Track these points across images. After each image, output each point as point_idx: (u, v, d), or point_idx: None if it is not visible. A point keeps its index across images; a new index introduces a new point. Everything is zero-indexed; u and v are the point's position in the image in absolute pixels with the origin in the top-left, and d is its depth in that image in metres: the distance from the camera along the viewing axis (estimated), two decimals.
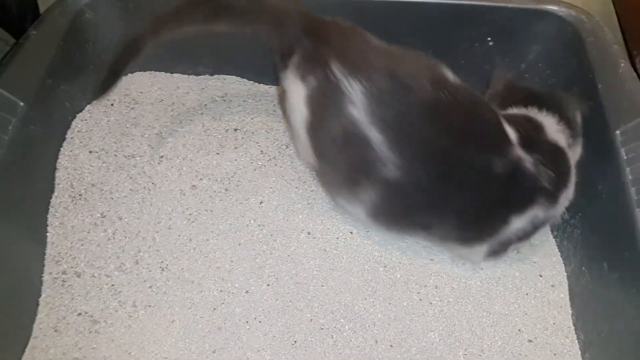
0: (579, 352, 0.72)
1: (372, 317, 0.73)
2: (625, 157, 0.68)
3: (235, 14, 0.75)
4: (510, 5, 0.84)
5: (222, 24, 0.76)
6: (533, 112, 0.73)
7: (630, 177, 0.67)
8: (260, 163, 0.87)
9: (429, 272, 0.78)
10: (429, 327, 0.72)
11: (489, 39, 0.87)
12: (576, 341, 0.73)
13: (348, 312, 0.73)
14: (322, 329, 0.71)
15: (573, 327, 0.74)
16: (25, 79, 0.75)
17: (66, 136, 0.85)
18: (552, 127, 0.72)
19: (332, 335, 0.71)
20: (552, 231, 0.83)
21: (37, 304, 0.72)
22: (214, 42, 0.93)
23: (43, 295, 0.73)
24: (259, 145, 0.88)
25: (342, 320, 0.72)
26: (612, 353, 0.67)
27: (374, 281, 0.76)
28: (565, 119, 0.73)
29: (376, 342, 0.70)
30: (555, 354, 0.72)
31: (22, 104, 0.73)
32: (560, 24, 0.83)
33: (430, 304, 0.74)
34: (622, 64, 0.73)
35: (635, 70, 0.74)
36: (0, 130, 0.70)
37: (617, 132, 0.70)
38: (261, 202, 0.82)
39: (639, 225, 0.64)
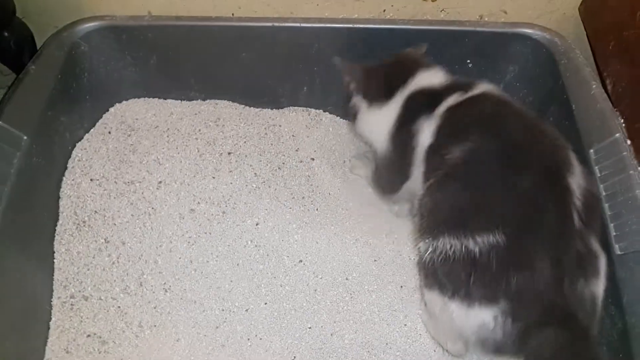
0: None
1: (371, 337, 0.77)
2: (599, 175, 0.73)
3: None
4: (486, 29, 0.89)
5: None
6: None
7: (604, 194, 0.72)
8: (254, 185, 0.90)
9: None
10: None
11: (468, 60, 0.92)
12: None
13: (344, 329, 0.77)
14: (320, 347, 0.75)
15: None
16: (27, 113, 0.79)
17: (67, 165, 0.88)
18: None
19: (330, 353, 0.75)
20: None
21: (48, 327, 0.76)
22: (205, 68, 0.97)
23: (53, 318, 0.77)
24: (252, 168, 0.92)
25: (340, 337, 0.76)
26: None
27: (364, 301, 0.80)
28: None
29: None
30: None
31: (25, 137, 0.76)
32: (534, 46, 0.87)
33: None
34: (594, 86, 0.77)
35: (606, 89, 0.79)
36: (6, 163, 0.73)
37: (591, 150, 0.75)
38: (257, 224, 0.86)
39: (612, 240, 0.68)
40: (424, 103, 0.75)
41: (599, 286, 0.62)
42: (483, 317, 0.61)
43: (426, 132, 0.73)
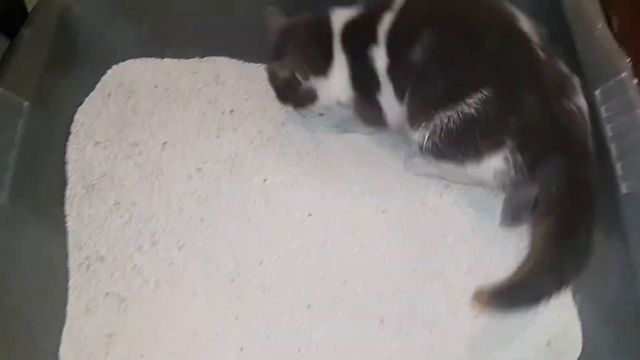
0: (570, 295, 0.77)
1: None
2: (604, 115, 0.73)
3: None
4: None
5: None
6: None
7: (609, 134, 0.72)
8: (259, 142, 0.90)
9: (434, 228, 0.83)
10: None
11: None
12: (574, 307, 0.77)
13: (355, 277, 0.79)
14: (333, 294, 0.77)
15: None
16: (25, 79, 0.77)
17: (71, 130, 0.88)
18: None
19: (343, 300, 0.77)
20: None
21: (67, 289, 0.77)
22: (200, 23, 0.95)
23: (71, 280, 0.78)
24: (256, 125, 0.92)
25: (352, 285, 0.78)
26: (598, 295, 0.74)
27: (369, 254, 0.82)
28: None
29: (382, 321, 0.76)
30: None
31: (26, 103, 0.75)
32: None
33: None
34: (599, 25, 0.76)
35: (611, 28, 0.78)
36: (10, 130, 0.73)
37: (597, 92, 0.74)
38: (265, 180, 0.86)
39: (619, 180, 0.69)
40: (361, 37, 0.79)
41: (581, 99, 0.72)
42: (495, 164, 0.72)
43: (379, 57, 0.77)
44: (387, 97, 0.80)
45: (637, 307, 0.67)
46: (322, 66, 0.82)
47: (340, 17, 0.82)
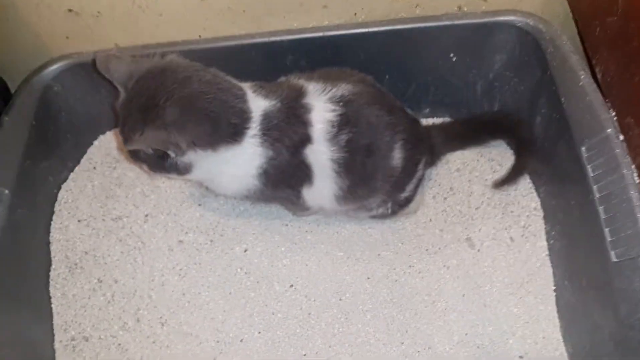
0: None
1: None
2: (592, 175, 0.68)
3: None
4: (466, 20, 0.83)
5: None
6: None
7: (597, 195, 0.67)
8: (242, 208, 0.89)
9: (422, 293, 0.80)
10: None
11: (451, 55, 0.86)
12: (565, 354, 0.75)
13: (339, 353, 0.76)
14: None
15: (562, 340, 0.76)
16: (5, 167, 0.79)
17: (54, 209, 0.89)
18: None
19: None
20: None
21: None
22: None
23: None
24: None
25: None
26: None
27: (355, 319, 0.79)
28: None
29: None
30: None
31: (6, 191, 0.77)
32: (518, 34, 0.81)
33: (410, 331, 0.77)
34: (582, 76, 0.71)
35: (595, 78, 0.73)
36: None
37: (583, 148, 0.70)
38: (245, 250, 0.85)
39: (608, 247, 0.64)
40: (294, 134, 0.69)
41: None
42: None
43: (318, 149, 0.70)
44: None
45: None
46: (218, 139, 0.70)
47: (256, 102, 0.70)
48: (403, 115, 0.77)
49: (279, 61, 0.85)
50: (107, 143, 0.97)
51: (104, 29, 0.87)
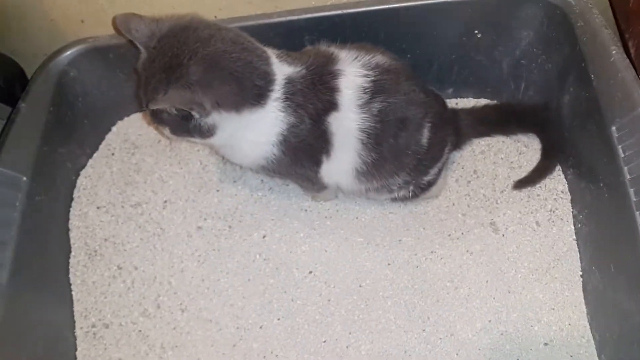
0: (595, 353, 0.71)
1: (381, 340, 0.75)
2: (622, 155, 0.65)
3: None
4: None
5: None
6: None
7: (628, 177, 0.64)
8: (260, 194, 0.88)
9: (444, 279, 0.79)
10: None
11: (476, 31, 0.83)
12: (592, 341, 0.72)
13: (359, 340, 0.75)
14: (335, 358, 0.74)
15: (589, 327, 0.73)
16: (23, 153, 0.79)
17: (73, 195, 0.89)
18: None
19: None
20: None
21: (76, 358, 0.78)
22: None
23: (79, 348, 0.79)
24: (257, 176, 0.89)
25: (355, 349, 0.75)
26: (624, 356, 0.66)
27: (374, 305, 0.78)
28: None
29: None
30: (571, 356, 0.72)
31: (24, 178, 0.77)
32: (547, 8, 0.78)
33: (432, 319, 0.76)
34: (614, 52, 0.68)
35: (628, 53, 0.70)
36: (9, 207, 0.74)
37: (613, 128, 0.67)
38: (264, 236, 0.84)
39: (639, 231, 0.61)
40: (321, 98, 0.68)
41: None
42: None
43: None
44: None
45: None
46: (242, 101, 0.70)
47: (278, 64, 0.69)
48: (434, 97, 0.75)
49: (297, 41, 0.82)
50: (125, 129, 0.97)
51: (119, 12, 0.86)
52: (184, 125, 0.67)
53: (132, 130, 0.97)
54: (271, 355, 0.75)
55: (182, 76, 0.62)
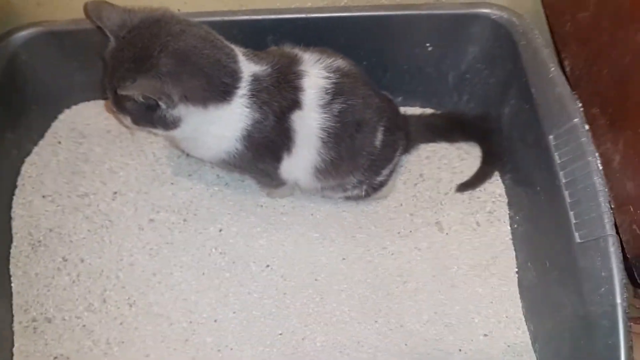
0: (530, 342, 0.78)
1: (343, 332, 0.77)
2: (558, 161, 0.72)
3: None
4: (443, 11, 0.85)
5: None
6: None
7: (563, 181, 0.71)
8: (216, 188, 0.88)
9: (394, 274, 0.82)
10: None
11: (427, 44, 0.89)
12: (527, 332, 0.79)
13: (315, 332, 0.77)
14: (292, 353, 0.75)
15: (524, 319, 0.80)
16: None
17: (17, 183, 0.84)
18: None
19: (303, 358, 0.75)
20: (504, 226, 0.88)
21: (12, 354, 0.74)
22: None
23: (16, 344, 0.75)
24: (213, 170, 0.89)
25: (311, 340, 0.76)
26: (556, 345, 0.73)
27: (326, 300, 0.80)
28: None
29: None
30: (508, 346, 0.78)
31: None
32: (492, 26, 0.84)
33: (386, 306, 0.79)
34: (552, 69, 0.75)
35: (564, 70, 0.78)
36: None
37: (551, 136, 0.74)
38: (220, 230, 0.84)
39: (572, 229, 0.68)
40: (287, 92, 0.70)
41: None
42: None
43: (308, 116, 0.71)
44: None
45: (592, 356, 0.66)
46: (208, 96, 0.70)
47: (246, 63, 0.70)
48: (388, 102, 0.79)
49: (260, 40, 0.84)
50: (72, 117, 0.94)
51: None
52: (149, 115, 0.67)
53: (79, 120, 0.94)
54: (226, 349, 0.75)
55: (152, 67, 0.62)
